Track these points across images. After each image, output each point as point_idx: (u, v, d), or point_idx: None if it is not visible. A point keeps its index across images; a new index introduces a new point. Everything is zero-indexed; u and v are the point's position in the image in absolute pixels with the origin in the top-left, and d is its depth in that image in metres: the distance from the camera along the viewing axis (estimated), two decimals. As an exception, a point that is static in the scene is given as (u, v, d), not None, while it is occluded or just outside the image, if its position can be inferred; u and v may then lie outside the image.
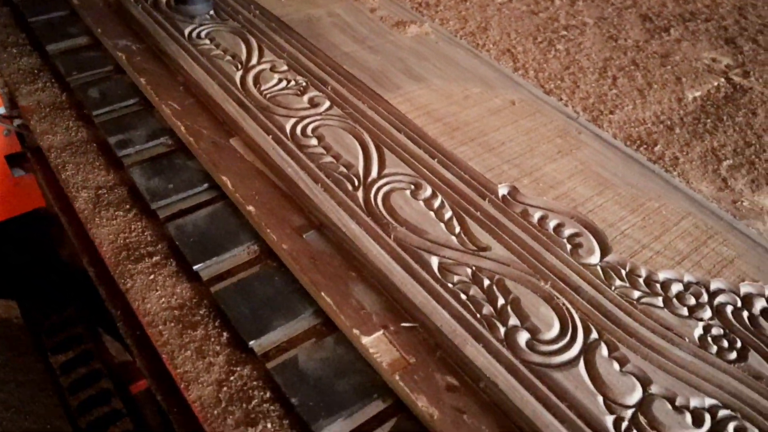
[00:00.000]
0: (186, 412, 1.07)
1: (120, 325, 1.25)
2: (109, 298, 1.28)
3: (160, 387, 1.16)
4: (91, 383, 1.98)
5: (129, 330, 1.22)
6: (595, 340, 1.05)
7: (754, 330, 1.11)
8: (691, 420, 0.98)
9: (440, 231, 1.20)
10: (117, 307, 1.26)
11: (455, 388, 1.01)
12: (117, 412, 1.91)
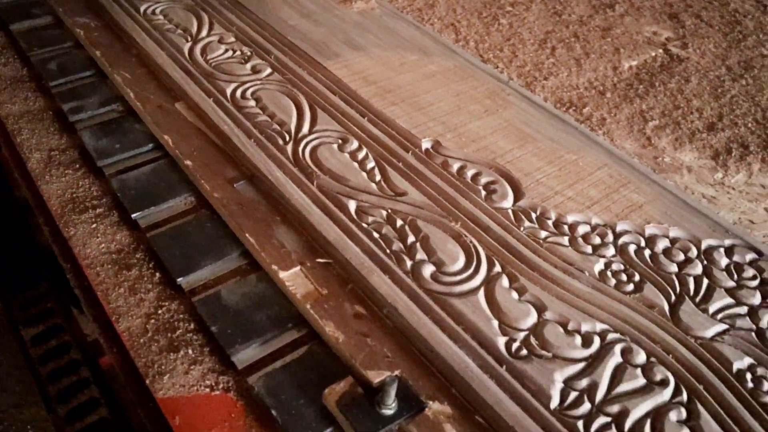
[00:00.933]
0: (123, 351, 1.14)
1: (70, 276, 1.32)
2: (60, 254, 1.36)
3: (104, 332, 1.23)
4: (61, 354, 2.05)
5: (77, 281, 1.30)
6: (497, 273, 1.12)
7: (654, 266, 1.18)
8: (581, 342, 1.04)
9: (361, 179, 1.27)
10: (67, 261, 1.33)
11: (362, 315, 1.08)
12: (85, 381, 1.98)
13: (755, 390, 1.01)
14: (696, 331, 1.08)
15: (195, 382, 1.04)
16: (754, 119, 1.67)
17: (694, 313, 1.11)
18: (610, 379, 0.99)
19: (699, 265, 1.19)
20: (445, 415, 0.96)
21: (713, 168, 1.51)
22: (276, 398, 0.99)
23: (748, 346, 1.07)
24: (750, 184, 1.49)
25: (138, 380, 1.05)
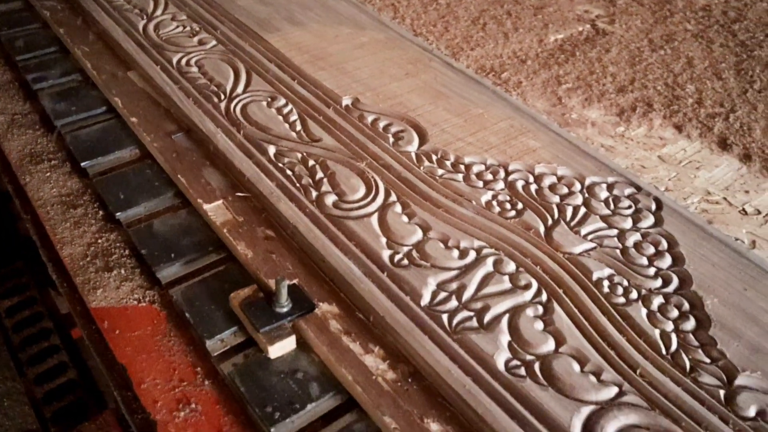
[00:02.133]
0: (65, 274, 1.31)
1: (29, 226, 1.51)
2: (22, 207, 1.55)
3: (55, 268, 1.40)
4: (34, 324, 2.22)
5: (35, 228, 1.48)
6: (392, 202, 1.29)
7: (537, 198, 1.35)
8: (458, 255, 1.21)
9: (283, 129, 1.45)
10: (27, 212, 1.52)
11: (270, 237, 1.25)
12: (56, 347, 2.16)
13: (610, 294, 1.17)
14: (565, 248, 1.24)
15: (124, 295, 1.21)
16: (665, 83, 1.84)
17: (566, 233, 1.27)
18: (478, 283, 1.16)
19: (580, 197, 1.36)
20: (332, 313, 1.13)
21: (616, 123, 1.67)
22: (191, 305, 1.16)
23: (611, 260, 1.23)
24: (649, 136, 1.66)
25: (76, 295, 1.23)
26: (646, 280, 1.18)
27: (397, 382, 1.02)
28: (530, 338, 1.06)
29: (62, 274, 1.24)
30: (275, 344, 1.06)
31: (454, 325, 1.07)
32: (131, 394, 1.05)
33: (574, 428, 0.95)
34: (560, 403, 0.98)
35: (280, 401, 1.01)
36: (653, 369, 1.04)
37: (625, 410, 0.98)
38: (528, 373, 1.01)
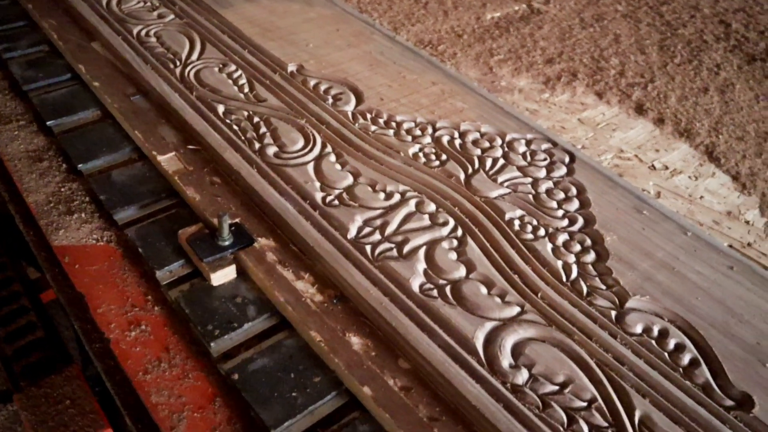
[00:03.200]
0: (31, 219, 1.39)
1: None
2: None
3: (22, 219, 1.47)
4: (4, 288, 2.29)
5: (3, 182, 1.56)
6: (328, 152, 1.39)
7: (461, 150, 1.46)
8: (384, 197, 1.31)
9: (233, 91, 1.54)
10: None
11: (217, 183, 1.35)
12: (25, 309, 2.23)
13: (520, 231, 1.28)
14: (483, 192, 1.35)
15: (84, 235, 1.30)
16: (591, 57, 1.95)
17: (484, 181, 1.38)
18: (400, 221, 1.26)
19: (500, 150, 1.47)
20: (269, 246, 1.23)
21: (542, 90, 1.79)
22: (144, 241, 1.25)
23: (524, 204, 1.34)
24: (571, 102, 1.77)
25: (39, 235, 1.31)
26: (554, 221, 1.29)
27: (324, 303, 1.12)
28: (444, 266, 1.16)
29: (28, 222, 1.32)
30: (217, 272, 1.16)
31: (376, 255, 1.17)
32: (90, 325, 1.14)
33: (477, 340, 1.06)
34: (466, 319, 1.08)
35: (220, 321, 1.11)
36: (553, 293, 1.15)
37: (524, 326, 1.09)
38: (439, 295, 1.12)
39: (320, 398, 1.01)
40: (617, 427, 0.95)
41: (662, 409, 0.98)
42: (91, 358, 1.10)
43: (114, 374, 1.06)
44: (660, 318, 1.12)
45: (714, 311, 1.14)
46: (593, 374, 1.01)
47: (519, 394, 0.97)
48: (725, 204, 1.46)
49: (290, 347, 1.08)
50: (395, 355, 1.04)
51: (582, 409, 0.96)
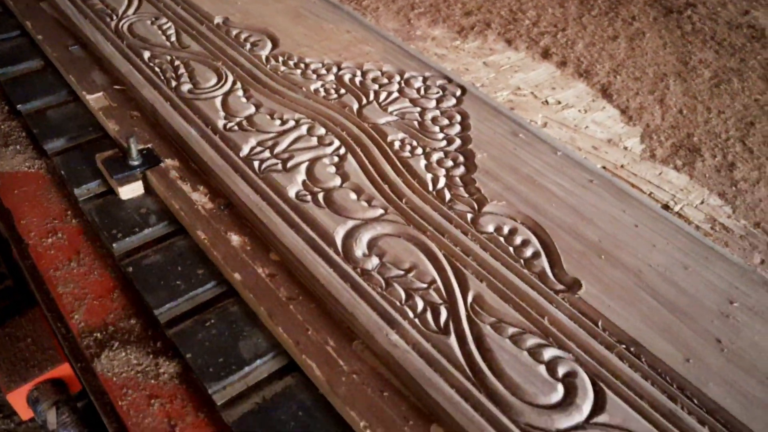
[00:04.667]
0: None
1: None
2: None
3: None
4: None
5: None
6: (236, 88, 1.52)
7: (359, 86, 1.57)
8: (279, 123, 1.44)
9: (160, 40, 1.66)
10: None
11: (136, 116, 1.47)
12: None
13: (399, 151, 1.39)
14: (372, 119, 1.46)
15: (18, 164, 1.43)
16: (509, 10, 2.05)
17: (375, 110, 1.49)
18: (290, 142, 1.38)
19: (396, 85, 1.58)
20: (173, 166, 1.36)
21: (454, 38, 1.89)
22: (67, 166, 1.38)
23: (407, 128, 1.45)
24: (480, 48, 1.88)
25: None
26: (433, 142, 1.40)
27: (213, 209, 1.25)
28: (321, 177, 1.28)
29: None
30: (124, 186, 1.29)
31: (262, 168, 1.29)
32: (14, 233, 1.28)
33: (338, 234, 1.18)
34: (332, 219, 1.20)
35: (124, 227, 1.24)
36: (417, 199, 1.26)
37: (383, 224, 1.21)
38: (312, 200, 1.24)
39: (200, 286, 1.14)
40: (450, 304, 1.06)
41: (496, 290, 1.09)
42: (15, 259, 1.24)
43: (31, 271, 1.20)
44: (512, 220, 1.22)
45: (565, 215, 1.24)
46: (438, 263, 1.13)
47: (366, 276, 1.09)
48: (608, 133, 1.56)
49: (181, 247, 1.21)
50: (267, 249, 1.16)
51: (421, 289, 1.08)
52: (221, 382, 0.99)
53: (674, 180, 1.38)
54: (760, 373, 1.01)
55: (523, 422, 0.90)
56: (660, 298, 1.10)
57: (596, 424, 0.92)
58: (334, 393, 0.95)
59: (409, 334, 0.99)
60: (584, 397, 0.95)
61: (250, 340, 1.04)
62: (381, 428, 0.91)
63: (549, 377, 0.96)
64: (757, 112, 1.71)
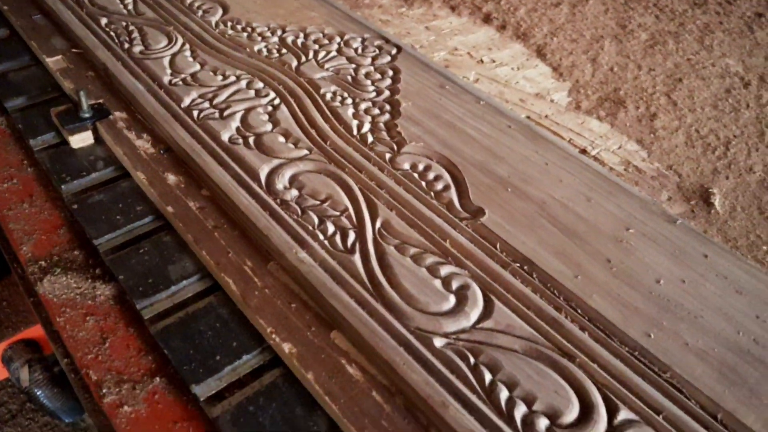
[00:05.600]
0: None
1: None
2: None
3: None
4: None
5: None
6: (185, 49, 1.60)
7: (300, 47, 1.65)
8: (221, 78, 1.52)
9: (119, 8, 1.75)
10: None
11: (91, 76, 1.55)
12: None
13: (330, 102, 1.46)
14: (308, 75, 1.54)
15: (-18, 120, 1.52)
16: (456, -20, 2.12)
17: (313, 66, 1.57)
18: (229, 94, 1.46)
19: (336, 45, 1.66)
20: (121, 118, 1.44)
21: (400, 5, 1.97)
22: (25, 120, 1.46)
23: (340, 82, 1.53)
24: (424, 14, 1.95)
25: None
26: (363, 94, 1.48)
27: (153, 154, 1.33)
28: (254, 124, 1.36)
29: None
30: (75, 136, 1.37)
31: (200, 117, 1.37)
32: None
33: (263, 171, 1.25)
34: (258, 157, 1.28)
35: (73, 172, 1.32)
36: (341, 141, 1.34)
37: (306, 162, 1.29)
38: (243, 142, 1.32)
39: (138, 220, 1.22)
40: (359, 228, 1.14)
41: (404, 218, 1.17)
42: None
43: (-15, 213, 1.28)
44: (428, 159, 1.30)
45: (478, 154, 1.32)
46: (352, 194, 1.21)
47: (284, 205, 1.17)
48: (537, 88, 1.63)
49: (124, 187, 1.29)
50: (199, 186, 1.25)
51: (333, 216, 1.16)
52: (149, 299, 1.07)
53: (595, 128, 1.45)
54: (643, 288, 1.08)
55: (414, 326, 0.97)
56: (559, 225, 1.17)
57: (482, 328, 0.99)
58: (246, 304, 1.03)
59: (318, 252, 1.07)
60: (474, 306, 1.02)
61: (179, 264, 1.13)
62: (286, 333, 0.99)
63: (443, 289, 1.03)
64: (688, 70, 1.78)
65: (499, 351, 0.95)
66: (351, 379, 0.93)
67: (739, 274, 1.11)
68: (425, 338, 0.95)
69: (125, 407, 0.95)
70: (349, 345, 0.97)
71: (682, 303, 1.05)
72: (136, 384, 0.98)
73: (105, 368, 0.99)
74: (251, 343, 1.01)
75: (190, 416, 0.95)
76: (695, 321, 1.03)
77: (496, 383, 0.90)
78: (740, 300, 1.07)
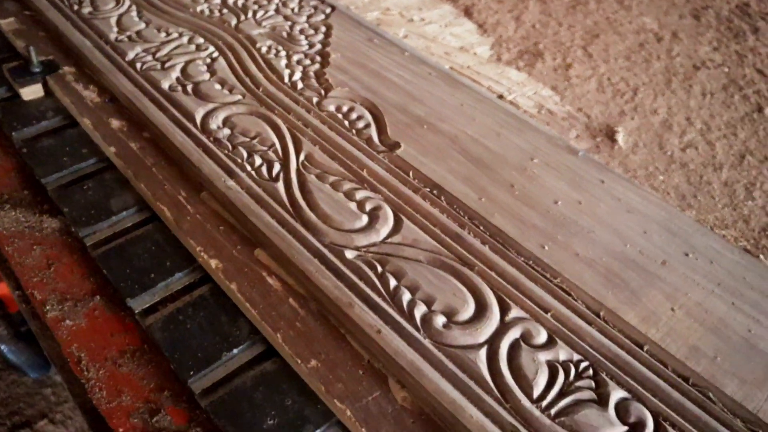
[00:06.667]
0: None
1: None
2: None
3: None
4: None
5: None
6: (132, 10, 1.62)
7: (240, 7, 1.68)
8: (165, 35, 1.54)
9: (69, -26, 1.77)
10: None
11: (42, 35, 1.57)
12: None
13: (265, 54, 1.50)
14: (246, 32, 1.58)
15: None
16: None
17: (251, 24, 1.59)
18: (171, 49, 1.48)
19: (274, 6, 1.69)
20: (70, 71, 1.46)
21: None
22: (-19, 78, 1.49)
23: (276, 36, 1.56)
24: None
25: None
26: (296, 47, 1.52)
27: (99, 102, 1.36)
28: (192, 74, 1.39)
29: None
30: (25, 88, 1.39)
31: (143, 68, 1.40)
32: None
33: (198, 114, 1.28)
34: (195, 102, 1.31)
35: (24, 121, 1.34)
36: (272, 87, 1.37)
37: (239, 105, 1.33)
38: (182, 90, 1.35)
39: (83, 161, 1.26)
40: (284, 160, 1.19)
41: (326, 151, 1.22)
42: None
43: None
44: (352, 101, 1.35)
45: (398, 97, 1.37)
46: (280, 132, 1.25)
47: (216, 142, 1.21)
48: (462, 42, 1.68)
49: (72, 134, 1.32)
50: (141, 129, 1.28)
51: (261, 150, 1.20)
52: (92, 228, 1.11)
53: (513, 77, 1.50)
54: (541, 208, 1.13)
55: (328, 241, 1.03)
56: (468, 156, 1.23)
57: (390, 242, 1.04)
58: (179, 228, 1.07)
59: (244, 181, 1.11)
60: (384, 224, 1.07)
61: (119, 198, 1.16)
62: (213, 251, 1.04)
63: (357, 210, 1.08)
64: (606, 27, 1.83)
65: (405, 261, 1.00)
66: (270, 288, 0.98)
67: (632, 197, 1.17)
68: (338, 251, 1.00)
69: (67, 321, 0.99)
70: (270, 260, 1.02)
71: (577, 220, 1.11)
72: (77, 302, 1.02)
73: (49, 289, 1.03)
74: (183, 263, 1.05)
75: (126, 329, 0.99)
76: (587, 235, 1.08)
77: (400, 287, 0.95)
78: (631, 218, 1.13)
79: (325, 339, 0.91)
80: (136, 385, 0.90)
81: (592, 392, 0.85)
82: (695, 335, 0.94)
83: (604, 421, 0.81)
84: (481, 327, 0.90)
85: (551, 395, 0.84)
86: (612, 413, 0.83)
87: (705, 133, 1.56)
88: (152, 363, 0.93)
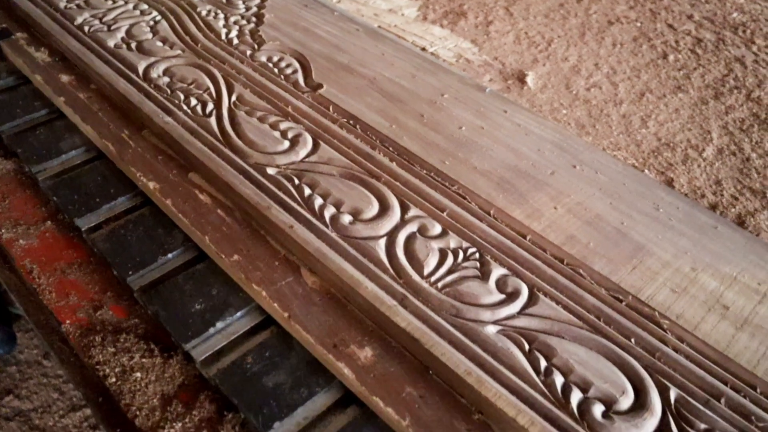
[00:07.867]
0: None
1: None
2: None
3: None
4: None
5: None
6: None
7: None
8: (111, 3, 1.67)
9: (24, -44, 1.88)
10: None
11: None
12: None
13: (206, 17, 1.63)
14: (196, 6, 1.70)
15: None
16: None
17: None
18: (117, 14, 1.60)
19: (215, -23, 1.81)
20: (23, 38, 1.57)
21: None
22: (-57, 48, 1.60)
23: (215, 2, 1.69)
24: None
25: None
26: (234, 10, 1.64)
27: (49, 62, 1.47)
28: (136, 33, 1.50)
29: None
30: (-19, 55, 1.50)
31: (90, 31, 1.52)
32: None
33: (141, 66, 1.38)
34: (138, 56, 1.40)
35: (-17, 82, 1.46)
36: (210, 44, 1.48)
37: (179, 58, 1.44)
38: (126, 47, 1.45)
39: (36, 112, 1.36)
40: (217, 100, 1.31)
41: (255, 93, 1.33)
42: None
43: None
44: (282, 53, 1.47)
45: (325, 48, 1.48)
46: (215, 79, 1.36)
47: (156, 88, 1.32)
48: (391, 5, 1.81)
49: (24, 90, 1.41)
50: (88, 83, 1.39)
51: (197, 93, 1.32)
52: (43, 165, 1.22)
53: (437, 33, 1.63)
54: (446, 132, 1.26)
55: (252, 162, 1.15)
56: (384, 93, 1.35)
57: (308, 161, 1.17)
58: (121, 159, 1.19)
59: (181, 117, 1.23)
60: (303, 147, 1.19)
61: (69, 140, 1.28)
62: (152, 176, 1.15)
63: (280, 137, 1.20)
64: (528, -10, 1.96)
65: (319, 175, 1.12)
66: (201, 202, 1.11)
67: (531, 123, 1.30)
68: (260, 168, 1.12)
69: (20, 241, 1.10)
70: (202, 181, 1.14)
71: (477, 141, 1.24)
72: (30, 226, 1.13)
73: (4, 217, 1.14)
74: (126, 189, 1.17)
75: (74, 246, 1.10)
76: (485, 152, 1.22)
77: (313, 195, 1.08)
78: (527, 139, 1.26)
79: (247, 239, 1.03)
80: (82, 289, 1.02)
81: (477, 270, 0.97)
82: (573, 227, 1.07)
83: (485, 290, 0.94)
84: (382, 223, 1.03)
85: (440, 272, 0.96)
86: (492, 285, 0.95)
87: (611, 76, 1.70)
88: (97, 272, 1.04)
